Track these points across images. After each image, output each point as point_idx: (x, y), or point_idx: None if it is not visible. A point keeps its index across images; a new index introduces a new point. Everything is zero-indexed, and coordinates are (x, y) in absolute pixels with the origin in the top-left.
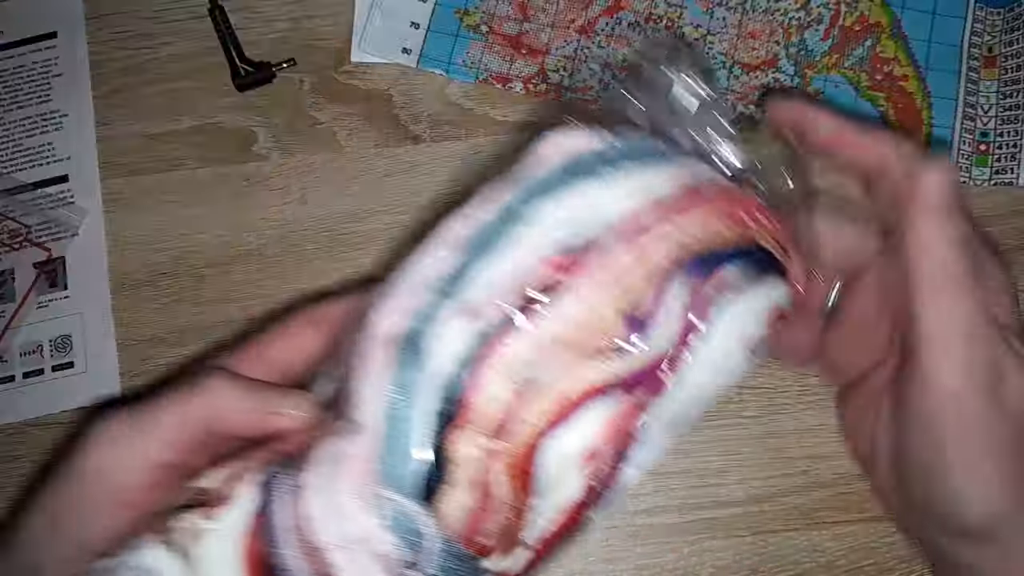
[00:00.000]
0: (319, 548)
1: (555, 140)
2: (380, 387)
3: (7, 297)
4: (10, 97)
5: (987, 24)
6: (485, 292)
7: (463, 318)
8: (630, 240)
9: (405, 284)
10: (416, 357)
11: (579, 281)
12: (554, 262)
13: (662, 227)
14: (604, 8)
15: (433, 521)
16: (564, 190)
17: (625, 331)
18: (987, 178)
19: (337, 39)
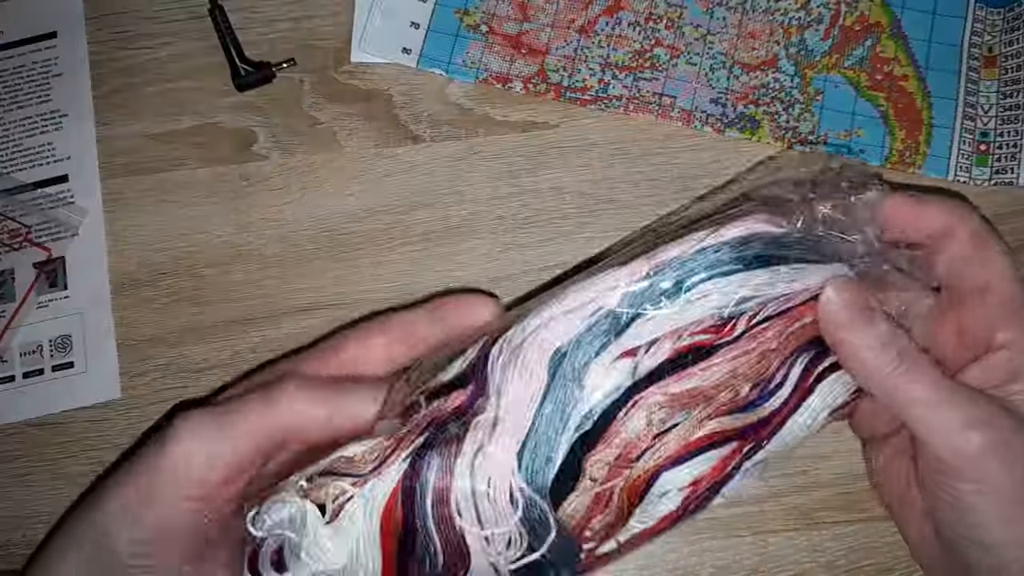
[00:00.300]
0: (455, 526)
1: (745, 224)
2: (533, 397)
3: (7, 297)
4: (10, 97)
5: (987, 24)
6: (648, 340)
7: (625, 359)
8: (781, 323)
9: (578, 312)
10: (574, 381)
11: (730, 347)
12: (713, 327)
13: (805, 316)
14: (604, 8)
15: (555, 517)
16: (739, 270)
17: (753, 395)
18: (987, 178)
19: (337, 39)
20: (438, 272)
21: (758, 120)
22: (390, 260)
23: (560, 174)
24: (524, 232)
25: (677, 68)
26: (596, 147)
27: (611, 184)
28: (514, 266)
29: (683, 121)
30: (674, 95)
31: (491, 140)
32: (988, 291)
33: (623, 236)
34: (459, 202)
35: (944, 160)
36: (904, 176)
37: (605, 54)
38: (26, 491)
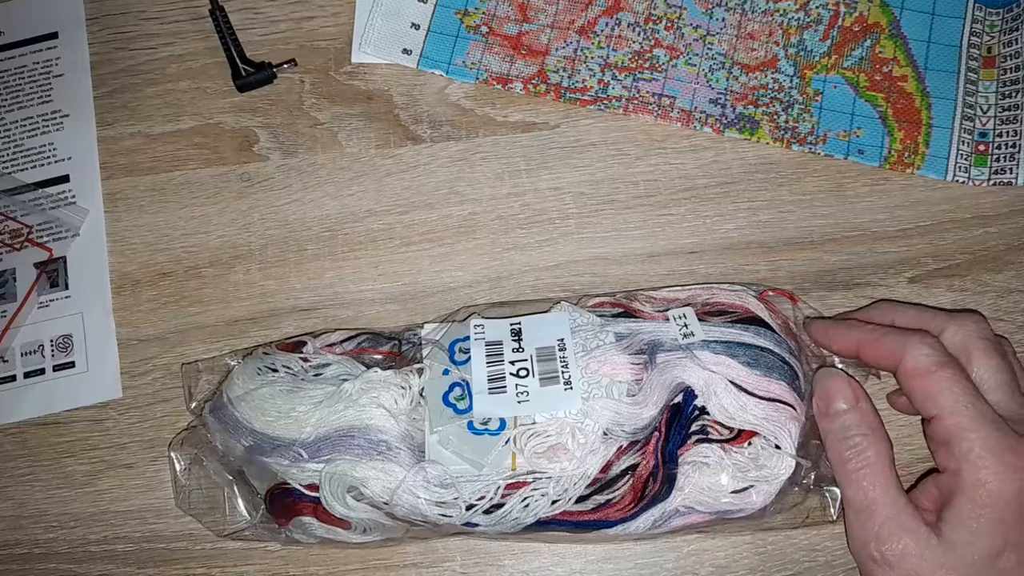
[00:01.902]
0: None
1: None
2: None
3: (8, 297)
4: (11, 97)
5: (986, 24)
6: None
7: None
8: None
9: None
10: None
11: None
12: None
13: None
14: (603, 9)
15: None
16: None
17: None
18: (986, 178)
19: (338, 40)
20: (438, 272)
21: (757, 120)
22: (390, 260)
23: (560, 174)
24: (524, 232)
25: (676, 69)
26: (596, 147)
27: (611, 184)
28: (514, 266)
29: (682, 122)
30: (673, 96)
31: (491, 140)
32: (937, 421)
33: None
34: (459, 202)
35: (943, 160)
36: (904, 177)
37: (605, 55)
38: (27, 491)
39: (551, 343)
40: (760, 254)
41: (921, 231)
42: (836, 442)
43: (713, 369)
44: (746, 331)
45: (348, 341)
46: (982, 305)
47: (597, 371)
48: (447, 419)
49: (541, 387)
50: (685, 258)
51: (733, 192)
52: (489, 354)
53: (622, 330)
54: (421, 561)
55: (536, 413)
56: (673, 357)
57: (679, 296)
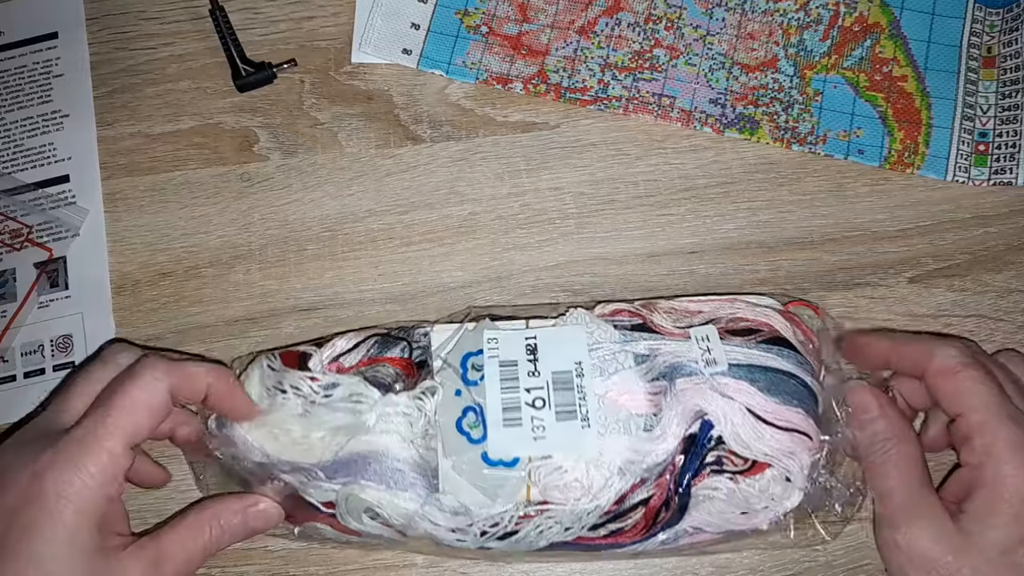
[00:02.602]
0: None
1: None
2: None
3: (8, 297)
4: (11, 97)
5: (986, 24)
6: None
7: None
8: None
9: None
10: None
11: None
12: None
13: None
14: (603, 9)
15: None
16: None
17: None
18: (986, 178)
19: (338, 40)
20: (438, 272)
21: (757, 120)
22: (390, 260)
23: (560, 174)
24: (524, 232)
25: (676, 69)
26: (596, 147)
27: (611, 184)
28: (514, 266)
29: (682, 122)
30: (673, 96)
31: (491, 140)
32: (961, 419)
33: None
34: (459, 202)
35: (943, 160)
36: (904, 177)
37: (605, 55)
38: None
39: (568, 366)
40: (760, 254)
41: (921, 231)
42: (866, 447)
43: (733, 396)
44: (769, 352)
45: (356, 349)
46: (982, 305)
47: (615, 401)
48: (461, 448)
49: (558, 421)
50: (685, 258)
51: (733, 192)
52: (504, 377)
53: (642, 350)
54: (421, 561)
55: (551, 450)
56: (693, 383)
57: (702, 309)
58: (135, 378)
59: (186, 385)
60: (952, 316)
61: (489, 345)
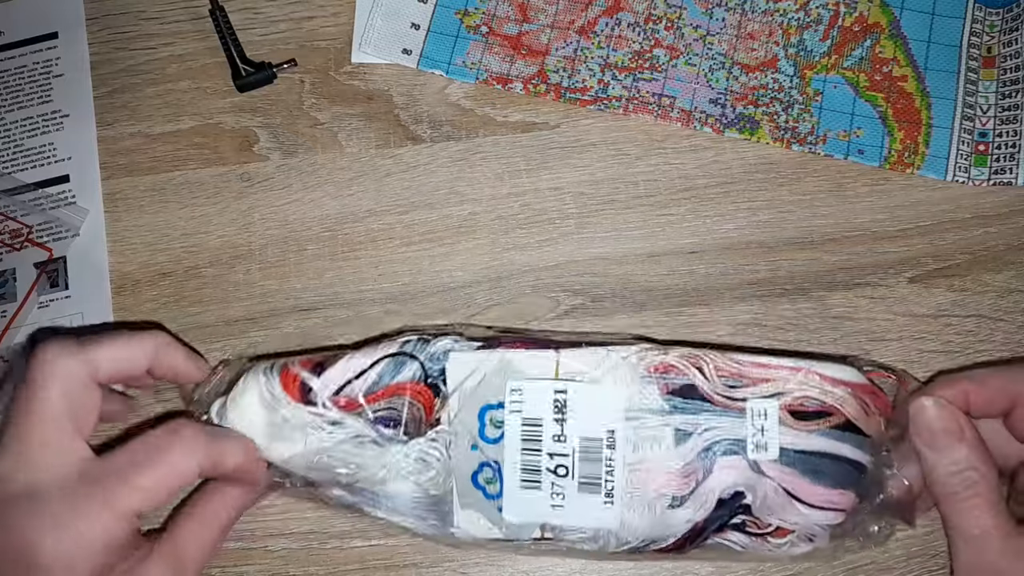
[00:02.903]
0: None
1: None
2: None
3: (8, 297)
4: (11, 97)
5: (986, 24)
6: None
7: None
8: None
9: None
10: None
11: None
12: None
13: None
14: (603, 9)
15: None
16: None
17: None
18: (986, 178)
19: (338, 40)
20: (438, 272)
21: (757, 120)
22: (390, 260)
23: (560, 174)
24: (524, 232)
25: (676, 69)
26: (596, 147)
27: (611, 184)
28: (514, 266)
29: (682, 122)
30: (673, 96)
31: (491, 140)
32: None
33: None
34: (459, 202)
35: (943, 160)
36: (904, 177)
37: (605, 55)
38: None
39: (599, 434)
40: (760, 254)
41: (921, 231)
42: (945, 476)
43: (772, 476)
44: (832, 439)
45: (364, 375)
46: (982, 305)
47: (644, 480)
48: (476, 501)
49: (579, 492)
50: (685, 258)
51: (733, 192)
52: (526, 437)
53: (684, 426)
54: (421, 561)
55: (569, 523)
56: (735, 463)
57: (768, 377)
58: (171, 450)
59: (220, 463)
60: (952, 316)
61: (512, 398)
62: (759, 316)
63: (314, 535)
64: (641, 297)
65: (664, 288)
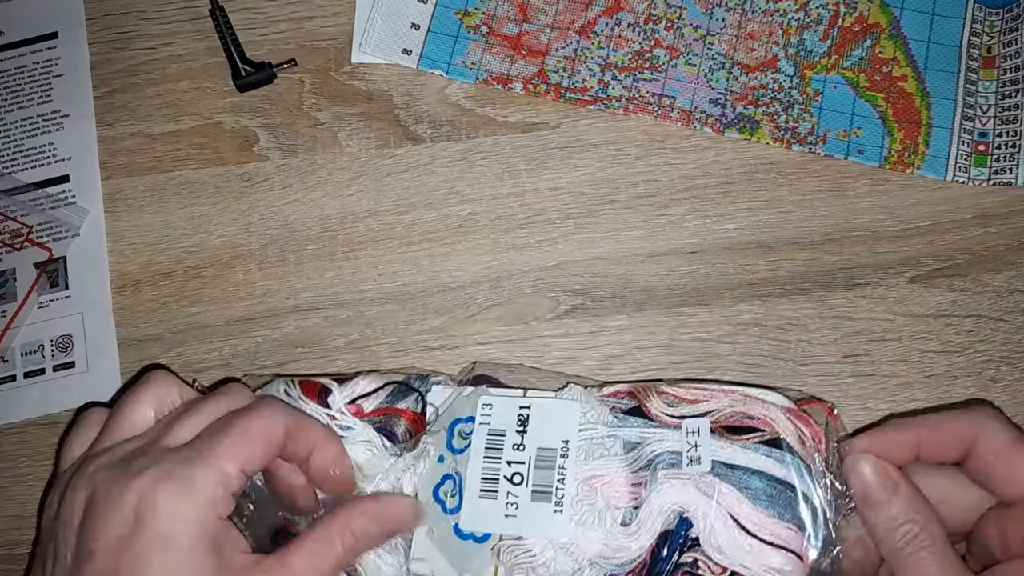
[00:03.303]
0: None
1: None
2: None
3: (8, 297)
4: (11, 97)
5: (986, 24)
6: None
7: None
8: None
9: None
10: None
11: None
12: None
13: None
14: (603, 9)
15: None
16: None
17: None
18: (986, 178)
19: (338, 40)
20: (438, 272)
21: (757, 120)
22: (390, 260)
23: (560, 174)
24: (524, 232)
25: (676, 69)
26: (596, 147)
27: (611, 184)
28: (514, 266)
29: (682, 122)
30: (673, 96)
31: (491, 140)
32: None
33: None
34: (459, 202)
35: (943, 160)
36: (904, 177)
37: (605, 55)
38: (27, 491)
39: (554, 444)
40: (760, 254)
41: (921, 231)
42: (886, 532)
43: (717, 499)
44: (766, 456)
45: (375, 394)
46: (982, 305)
47: (595, 489)
48: (434, 517)
49: (532, 501)
50: (685, 258)
51: (733, 192)
52: (489, 445)
53: (632, 438)
54: None
55: (521, 532)
56: (676, 478)
57: (702, 398)
58: (255, 411)
59: (301, 434)
60: (952, 316)
61: (482, 411)
62: (759, 316)
63: None
64: (641, 297)
65: (664, 288)
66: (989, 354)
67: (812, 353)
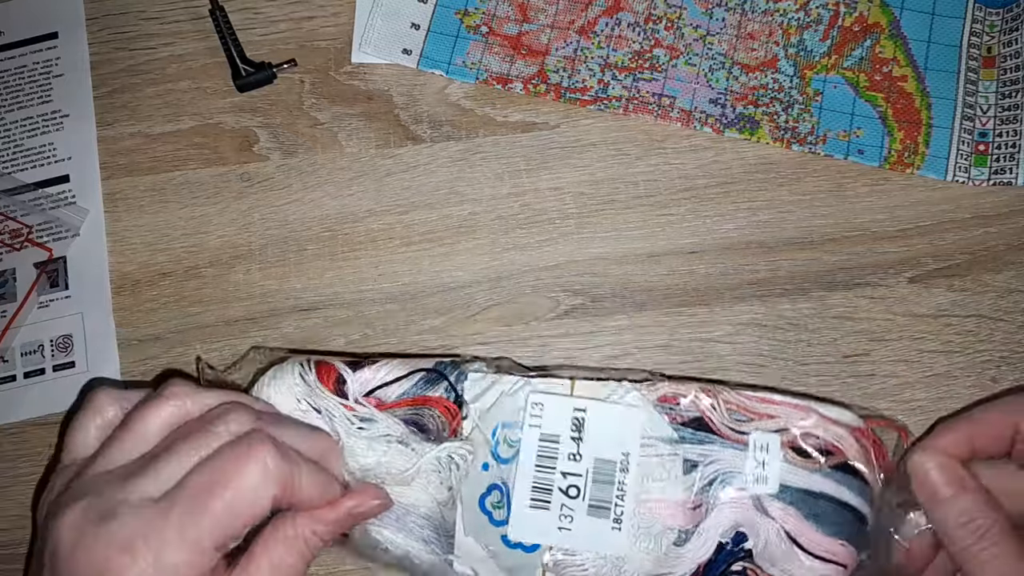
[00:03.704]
0: None
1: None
2: None
3: (8, 297)
4: (11, 97)
5: (986, 24)
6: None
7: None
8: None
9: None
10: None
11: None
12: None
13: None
14: (603, 9)
15: None
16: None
17: None
18: (986, 178)
19: (338, 40)
20: (438, 272)
21: (757, 120)
22: (390, 260)
23: (560, 174)
24: (524, 232)
25: (676, 69)
26: (596, 147)
27: (611, 184)
28: (514, 266)
29: (682, 122)
30: (673, 96)
31: (491, 140)
32: None
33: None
34: (459, 202)
35: (943, 160)
36: (904, 177)
37: (605, 55)
38: (28, 491)
39: (614, 457)
40: (760, 254)
41: (921, 231)
42: (955, 529)
43: (774, 517)
44: (832, 480)
45: (398, 383)
46: (982, 305)
47: (652, 511)
48: (481, 528)
49: (588, 516)
50: (685, 258)
51: (733, 192)
52: (542, 453)
53: (694, 456)
54: None
55: (574, 547)
56: (736, 498)
57: (772, 413)
58: (244, 474)
59: (292, 495)
60: (952, 316)
61: (532, 411)
62: (759, 316)
63: None
64: (641, 297)
65: (664, 288)
66: (989, 354)
67: (812, 353)
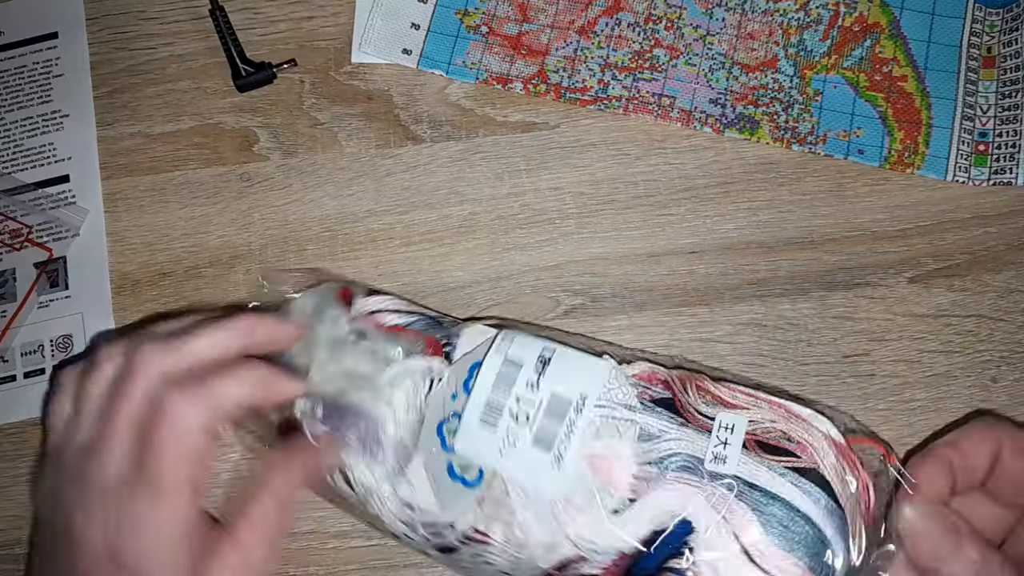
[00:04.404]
0: None
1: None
2: None
3: (8, 297)
4: (11, 97)
5: (986, 24)
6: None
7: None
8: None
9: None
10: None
11: None
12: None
13: None
14: (603, 9)
15: None
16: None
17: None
18: (986, 178)
19: (338, 40)
20: (438, 272)
21: (757, 120)
22: (390, 260)
23: (560, 174)
24: (524, 232)
25: (676, 69)
26: (596, 147)
27: (611, 184)
28: (514, 266)
29: (682, 122)
30: (673, 96)
31: (491, 140)
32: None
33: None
34: (459, 202)
35: (943, 160)
36: (904, 177)
37: (605, 55)
38: (28, 491)
39: (571, 395)
40: (760, 254)
41: (921, 231)
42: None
43: (727, 517)
44: (795, 486)
45: (399, 315)
46: (982, 305)
47: (596, 466)
48: (432, 449)
49: (532, 446)
50: (685, 258)
51: (733, 192)
52: (502, 372)
53: (652, 429)
54: (421, 561)
55: (511, 475)
56: (688, 483)
57: (744, 405)
58: (179, 422)
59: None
60: (952, 316)
61: (503, 339)
62: (759, 316)
63: (314, 535)
64: (641, 297)
65: (664, 288)
66: (989, 354)
67: (812, 353)
